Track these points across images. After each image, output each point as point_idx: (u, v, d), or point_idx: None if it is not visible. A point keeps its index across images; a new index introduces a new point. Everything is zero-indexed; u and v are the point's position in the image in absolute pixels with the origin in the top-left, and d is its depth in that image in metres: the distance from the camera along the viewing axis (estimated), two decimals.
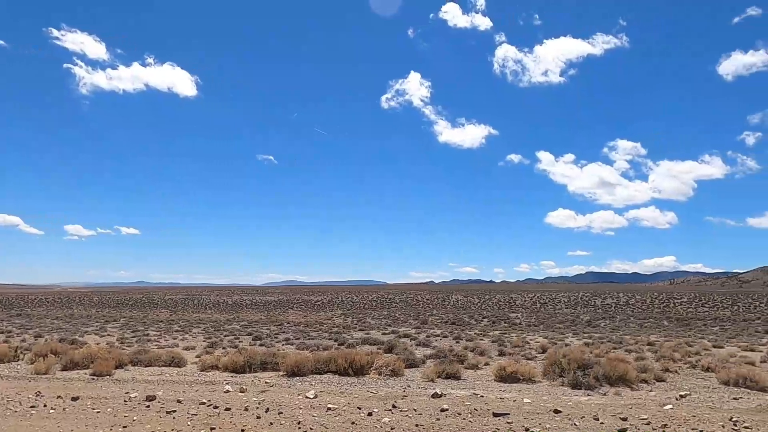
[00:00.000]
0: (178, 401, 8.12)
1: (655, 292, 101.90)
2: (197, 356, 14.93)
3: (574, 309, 77.59)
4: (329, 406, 7.81)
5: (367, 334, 25.16)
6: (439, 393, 8.74)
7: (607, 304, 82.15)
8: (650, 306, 79.78)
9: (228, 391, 8.97)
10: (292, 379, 10.93)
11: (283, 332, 26.48)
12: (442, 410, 7.58)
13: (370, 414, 7.42)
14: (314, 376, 11.16)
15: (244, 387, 9.37)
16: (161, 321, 40.91)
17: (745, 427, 6.51)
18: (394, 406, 7.82)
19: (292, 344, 19.69)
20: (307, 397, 8.48)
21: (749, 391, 9.35)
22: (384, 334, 26.05)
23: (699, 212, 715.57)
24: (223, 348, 18.09)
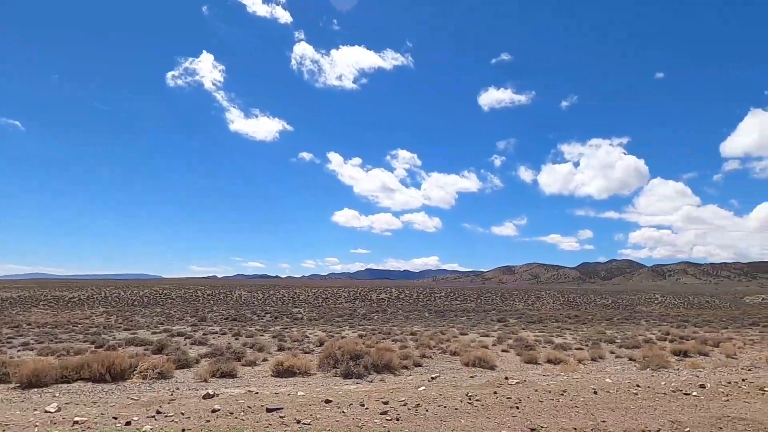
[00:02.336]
0: None
1: (420, 288, 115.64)
2: None
3: (353, 303, 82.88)
4: (76, 419, 6.73)
5: (134, 334, 22.63)
6: (212, 393, 8.33)
7: (382, 299, 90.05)
8: (416, 300, 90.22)
9: None
10: (28, 391, 9.09)
11: (21, 335, 21.99)
12: (214, 411, 7.23)
13: (128, 423, 6.63)
14: (60, 385, 9.50)
15: None
16: None
17: (477, 400, 7.81)
18: (158, 412, 7.15)
19: (32, 349, 16.47)
20: (47, 412, 7.16)
21: (482, 369, 11.29)
22: (154, 333, 23.76)
23: (458, 219, 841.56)
24: None
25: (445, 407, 7.51)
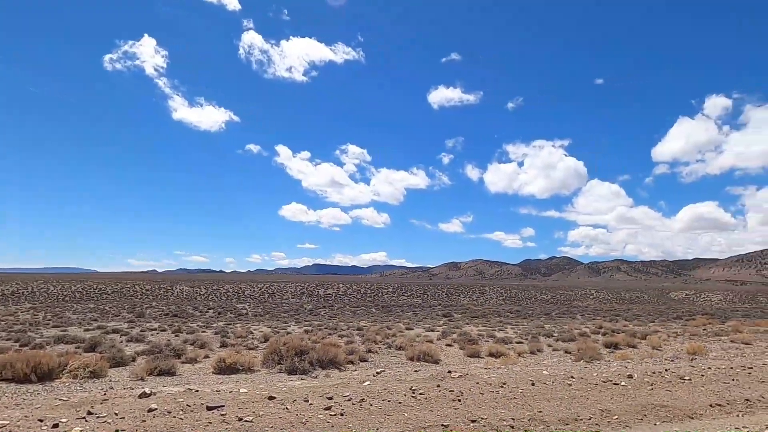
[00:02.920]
0: None
1: (368, 283, 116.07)
2: None
3: (300, 299, 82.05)
4: None
5: (64, 331, 21.35)
6: (149, 392, 8.01)
7: (329, 294, 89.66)
8: (364, 295, 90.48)
9: None
10: None
11: None
12: (150, 410, 6.96)
13: (56, 426, 6.27)
14: None
15: None
16: None
17: (420, 393, 7.94)
18: (89, 413, 6.80)
19: None
20: None
21: (427, 363, 11.48)
22: (87, 330, 22.54)
23: (406, 215, 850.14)
24: None
25: (389, 401, 7.59)
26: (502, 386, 8.41)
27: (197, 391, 8.40)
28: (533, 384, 8.51)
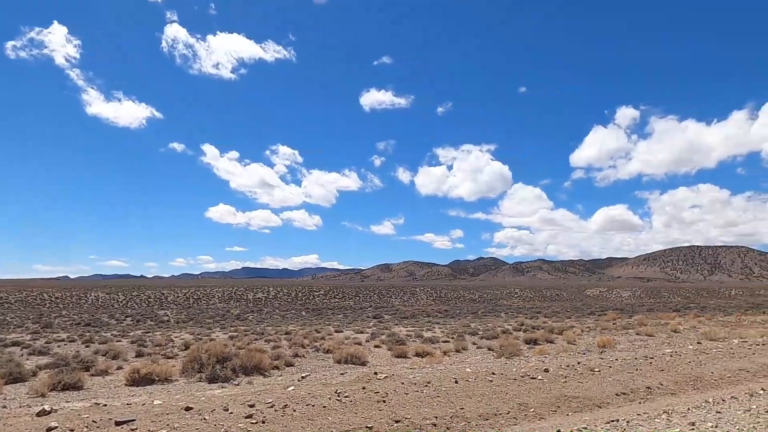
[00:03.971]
0: None
1: (299, 287, 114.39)
2: None
3: (227, 303, 79.29)
4: None
5: None
6: (49, 409, 7.34)
7: (258, 298, 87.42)
8: (294, 299, 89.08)
9: None
10: None
11: None
12: (49, 429, 6.38)
13: None
14: None
15: None
16: None
17: (346, 396, 7.87)
18: None
19: None
20: None
21: (354, 366, 11.43)
22: None
23: (338, 218, 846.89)
24: None
25: (313, 406, 7.46)
26: (426, 385, 8.53)
27: (105, 405, 7.82)
28: (456, 382, 8.70)
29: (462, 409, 7.50)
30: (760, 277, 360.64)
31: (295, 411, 7.21)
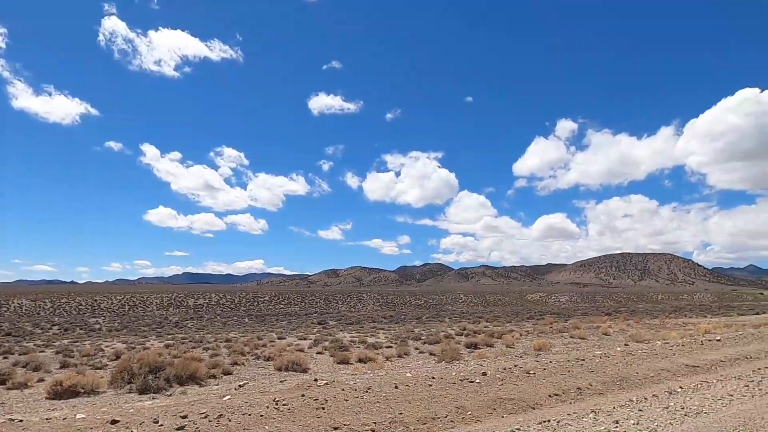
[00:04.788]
0: None
1: (243, 292, 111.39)
2: None
3: (166, 310, 76.04)
4: None
5: None
6: None
7: (200, 305, 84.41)
8: (238, 305, 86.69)
9: None
10: None
11: None
12: None
13: None
14: None
15: None
16: None
17: (284, 404, 7.72)
18: None
19: None
20: None
21: (295, 373, 11.24)
22: None
23: (285, 222, 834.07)
24: None
25: (249, 415, 7.27)
26: (366, 391, 8.51)
27: (21, 421, 7.27)
28: (396, 387, 8.74)
29: (401, 414, 7.54)
30: (684, 283, 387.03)
31: (230, 421, 7.00)
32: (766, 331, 19.33)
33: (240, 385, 9.59)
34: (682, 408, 7.50)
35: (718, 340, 15.78)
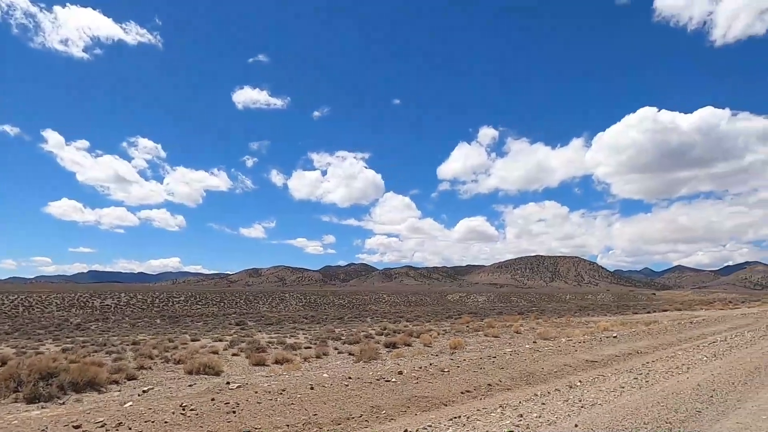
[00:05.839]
0: None
1: (157, 292, 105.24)
2: None
3: (67, 311, 70.23)
4: None
5: None
6: None
7: (107, 305, 78.76)
8: (150, 305, 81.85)
9: None
10: None
11: None
12: None
13: None
14: None
15: None
16: None
17: (192, 409, 7.36)
18: None
19: None
20: None
21: (207, 376, 10.77)
22: None
23: (205, 219, 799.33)
24: None
25: (153, 422, 6.86)
26: (281, 393, 8.33)
27: None
28: (312, 388, 8.64)
29: (315, 415, 7.45)
30: (589, 284, 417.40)
31: (130, 429, 6.57)
32: (656, 328, 21.30)
33: (144, 391, 9.02)
34: (580, 400, 8.05)
35: (614, 337, 17.14)
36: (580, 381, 9.96)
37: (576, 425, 6.59)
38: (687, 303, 79.87)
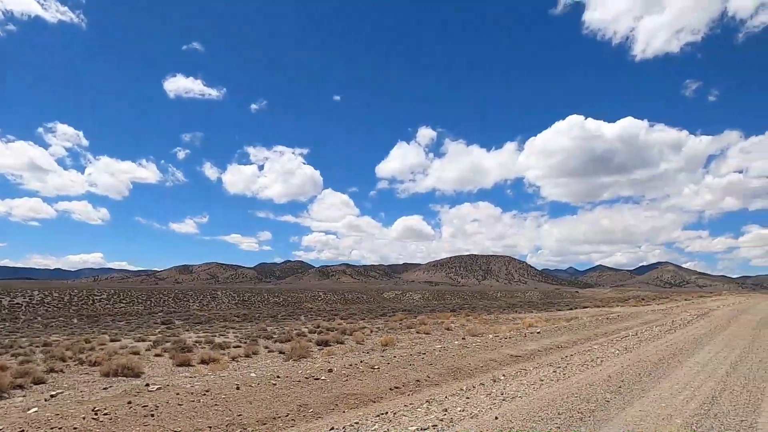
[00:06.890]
0: None
1: (75, 290, 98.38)
2: None
3: None
4: None
5: None
6: None
7: (17, 304, 72.63)
8: (67, 304, 76.42)
9: None
10: None
11: None
12: None
13: None
14: None
15: None
16: None
17: (105, 414, 6.95)
18: None
19: None
20: None
21: (125, 378, 10.21)
22: None
23: (131, 213, 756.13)
24: None
25: (60, 428, 6.41)
26: (205, 394, 8.06)
27: None
28: (238, 388, 8.42)
29: (240, 415, 7.27)
30: (519, 282, 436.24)
31: None
32: (575, 324, 22.60)
33: (52, 395, 8.39)
34: (502, 394, 8.38)
35: (538, 333, 18.01)
36: (503, 375, 10.37)
37: (496, 417, 6.85)
38: (605, 300, 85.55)
